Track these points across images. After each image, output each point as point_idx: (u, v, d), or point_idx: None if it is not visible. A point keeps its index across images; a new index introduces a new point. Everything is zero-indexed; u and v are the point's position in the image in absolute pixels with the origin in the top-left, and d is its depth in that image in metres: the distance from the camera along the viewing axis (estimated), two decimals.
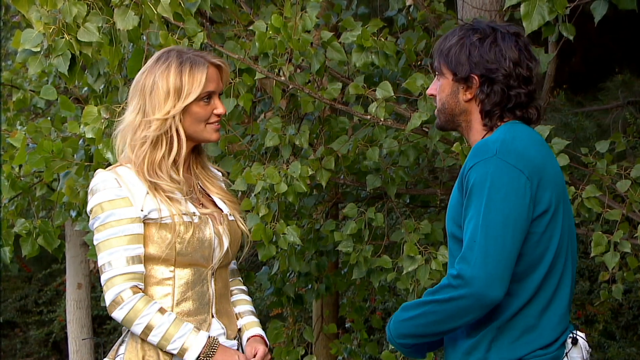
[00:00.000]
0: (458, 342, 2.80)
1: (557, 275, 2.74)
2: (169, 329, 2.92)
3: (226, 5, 4.42)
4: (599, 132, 7.59)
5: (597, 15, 4.06)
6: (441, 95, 2.87)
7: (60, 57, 3.94)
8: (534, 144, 2.75)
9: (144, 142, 2.99)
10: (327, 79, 4.71)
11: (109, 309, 2.92)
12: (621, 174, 4.43)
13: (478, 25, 2.83)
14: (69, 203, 5.02)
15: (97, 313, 9.86)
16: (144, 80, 3.02)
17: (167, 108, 2.97)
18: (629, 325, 7.82)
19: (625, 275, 4.58)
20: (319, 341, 6.36)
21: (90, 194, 2.96)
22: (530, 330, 2.71)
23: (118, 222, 2.91)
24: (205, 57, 3.04)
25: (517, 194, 2.63)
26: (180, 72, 2.98)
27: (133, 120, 3.02)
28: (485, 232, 2.62)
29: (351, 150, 4.55)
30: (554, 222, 2.71)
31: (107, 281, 2.91)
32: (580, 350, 2.75)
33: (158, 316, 2.92)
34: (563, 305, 2.76)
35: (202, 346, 2.94)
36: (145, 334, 2.92)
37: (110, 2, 4.03)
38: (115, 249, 2.91)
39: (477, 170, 2.67)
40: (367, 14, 6.09)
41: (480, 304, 2.63)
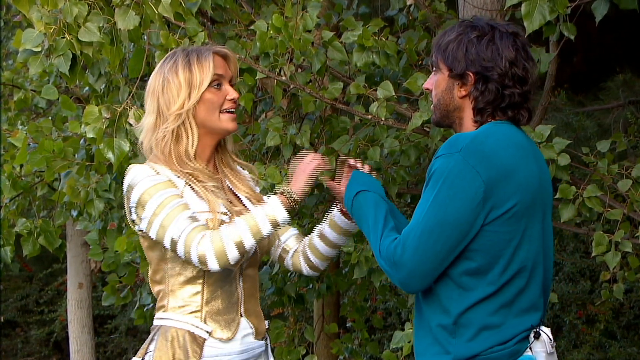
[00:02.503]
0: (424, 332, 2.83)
1: (523, 276, 2.75)
2: (248, 224, 2.88)
3: (227, 5, 4.42)
4: (600, 131, 7.59)
5: (598, 14, 4.06)
6: (437, 91, 2.87)
7: (61, 56, 3.94)
8: (508, 147, 2.74)
9: (164, 137, 3.00)
10: (328, 79, 4.71)
11: (202, 264, 2.86)
12: (622, 174, 4.43)
13: (477, 22, 2.83)
14: (70, 203, 5.02)
15: (98, 313, 9.86)
16: (154, 82, 3.03)
17: (181, 100, 2.98)
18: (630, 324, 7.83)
19: (627, 275, 4.58)
20: (320, 341, 6.36)
21: (130, 188, 2.94)
22: (489, 327, 2.73)
23: (171, 197, 2.89)
24: (209, 47, 3.06)
25: (465, 196, 2.66)
26: (188, 63, 2.99)
27: (151, 121, 3.03)
28: (424, 224, 2.68)
29: (352, 149, 4.55)
30: (516, 223, 2.71)
31: (185, 244, 2.86)
32: (543, 344, 2.77)
33: (232, 228, 2.88)
34: (528, 304, 2.77)
35: (282, 204, 2.92)
36: (241, 248, 2.87)
37: (111, 2, 4.03)
38: (177, 218, 2.87)
39: (440, 162, 2.71)
40: (368, 14, 6.09)
41: (400, 286, 2.76)
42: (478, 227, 2.68)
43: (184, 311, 2.98)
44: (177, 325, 2.98)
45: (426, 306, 2.81)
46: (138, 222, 2.96)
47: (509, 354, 2.73)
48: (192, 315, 2.98)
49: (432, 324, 2.79)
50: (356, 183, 3.01)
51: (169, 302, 3.00)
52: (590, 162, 4.51)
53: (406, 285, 2.73)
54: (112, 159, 4.09)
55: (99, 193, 4.80)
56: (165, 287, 3.01)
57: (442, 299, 2.75)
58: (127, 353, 10.17)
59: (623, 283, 4.60)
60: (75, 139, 4.74)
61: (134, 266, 5.02)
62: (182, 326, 2.97)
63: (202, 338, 2.97)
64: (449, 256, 2.70)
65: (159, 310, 3.04)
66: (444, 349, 2.75)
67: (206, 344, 2.97)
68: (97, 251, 5.04)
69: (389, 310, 8.58)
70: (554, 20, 4.09)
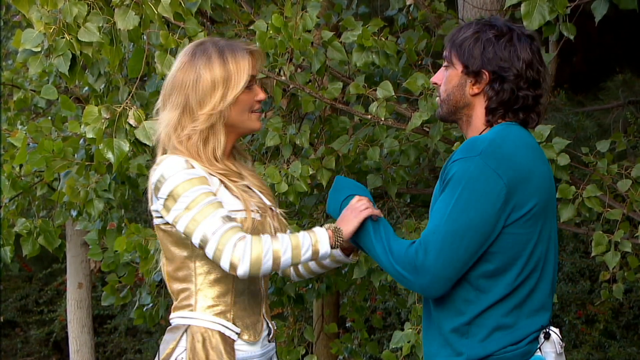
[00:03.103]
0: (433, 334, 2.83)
1: (534, 276, 2.75)
2: (291, 242, 2.83)
3: (227, 5, 4.42)
4: (599, 131, 7.59)
5: (598, 14, 4.06)
6: (447, 86, 2.84)
7: (61, 56, 3.94)
8: (523, 148, 2.75)
9: (190, 137, 2.91)
10: (328, 79, 4.71)
11: (232, 267, 2.79)
12: (622, 174, 4.43)
13: (495, 22, 2.82)
14: (69, 203, 5.02)
15: (97, 312, 9.86)
16: (183, 76, 2.92)
17: (215, 100, 2.89)
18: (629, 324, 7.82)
19: (626, 275, 4.58)
20: (320, 341, 6.36)
21: (162, 179, 2.85)
22: (502, 328, 2.73)
23: (205, 194, 2.82)
24: (242, 45, 2.97)
25: (488, 199, 2.65)
26: (224, 61, 2.90)
27: (174, 117, 2.92)
28: (446, 228, 2.66)
29: (352, 149, 4.55)
30: (533, 225, 2.72)
31: (218, 242, 2.78)
32: (553, 344, 2.77)
33: (275, 241, 2.82)
34: (539, 304, 2.77)
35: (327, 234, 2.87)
36: (276, 264, 2.82)
37: (110, 2, 4.04)
38: (210, 216, 2.79)
39: (458, 166, 2.69)
40: (368, 14, 6.09)
41: (420, 292, 2.74)
42: (499, 230, 2.68)
43: (214, 311, 2.92)
44: (207, 326, 2.91)
45: (437, 309, 2.80)
46: (164, 213, 2.87)
47: (522, 354, 2.73)
48: (222, 316, 2.92)
49: (444, 326, 2.78)
50: (342, 188, 2.99)
51: (198, 301, 2.92)
52: (589, 162, 4.51)
53: (428, 290, 2.71)
54: (111, 159, 4.09)
55: (98, 193, 4.79)
56: (192, 286, 2.93)
57: (457, 301, 2.75)
58: (127, 353, 10.17)
59: (623, 283, 4.61)
60: (74, 139, 4.74)
61: (133, 266, 5.02)
62: (213, 327, 2.91)
63: (231, 339, 2.93)
64: (471, 260, 2.69)
65: (183, 309, 2.95)
66: (455, 350, 2.75)
67: (235, 345, 2.93)
68: (96, 251, 5.04)
69: (388, 310, 8.58)
70: (553, 20, 4.09)
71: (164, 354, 2.94)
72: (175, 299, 2.99)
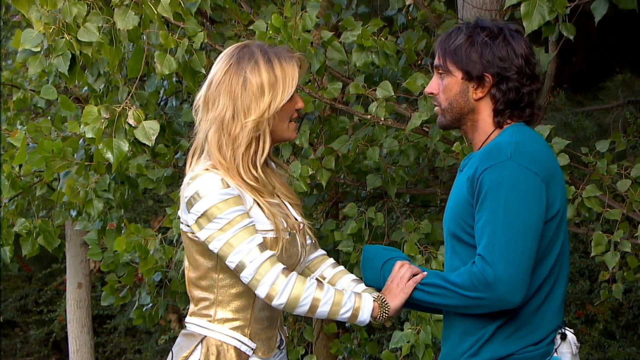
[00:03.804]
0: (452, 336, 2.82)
1: (554, 276, 2.76)
2: (334, 297, 2.82)
3: (226, 5, 4.42)
4: (599, 131, 7.58)
5: (598, 14, 4.06)
6: (448, 94, 2.82)
7: (61, 56, 3.94)
8: (544, 147, 2.77)
9: (237, 144, 2.85)
10: (328, 79, 4.71)
11: (268, 297, 2.79)
12: (621, 174, 4.43)
13: (482, 23, 2.81)
14: (69, 202, 5.02)
15: (97, 313, 9.85)
16: (230, 79, 2.85)
17: (263, 107, 2.83)
18: (629, 324, 7.82)
19: (626, 275, 4.58)
20: (319, 341, 6.35)
21: (197, 196, 2.81)
22: (524, 328, 2.73)
23: (241, 216, 2.80)
24: (291, 54, 2.91)
25: (534, 197, 2.64)
26: (272, 67, 2.85)
27: (218, 121, 2.86)
28: (505, 235, 2.63)
29: (351, 149, 4.55)
30: (561, 224, 2.73)
31: (257, 272, 2.78)
32: (569, 345, 2.78)
33: (319, 292, 2.81)
34: (557, 303, 2.78)
35: (372, 305, 2.84)
36: (312, 311, 2.81)
37: (110, 2, 4.04)
38: (249, 240, 2.79)
39: (492, 173, 2.66)
40: (367, 14, 6.08)
41: (500, 306, 2.67)
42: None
43: (232, 325, 2.91)
44: (224, 339, 2.90)
45: None
46: (195, 229, 2.84)
47: (541, 354, 2.74)
48: (240, 330, 2.91)
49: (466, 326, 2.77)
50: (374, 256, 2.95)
51: (217, 312, 2.91)
52: (589, 162, 4.51)
53: (508, 300, 2.65)
54: (111, 159, 4.09)
55: (98, 193, 4.79)
56: (214, 297, 2.91)
57: None
58: (126, 353, 10.16)
59: (622, 283, 4.60)
60: (74, 139, 4.74)
61: (133, 266, 5.02)
62: (229, 341, 2.90)
63: (246, 355, 2.92)
64: (535, 258, 2.67)
65: (202, 318, 2.94)
66: (475, 351, 2.75)
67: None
68: (96, 251, 5.03)
69: None
70: (553, 20, 4.08)
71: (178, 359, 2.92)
72: (194, 305, 2.97)
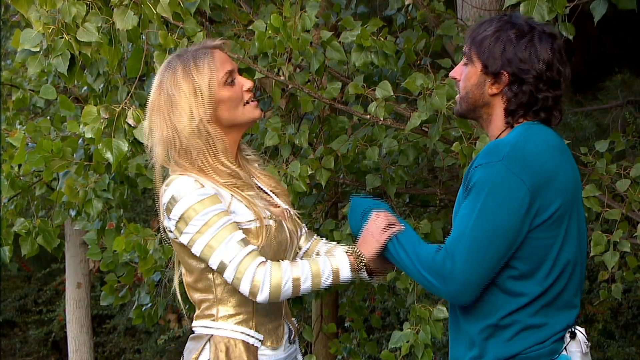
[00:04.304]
0: (460, 337, 2.82)
1: (564, 277, 2.74)
2: (311, 270, 2.85)
3: (225, 5, 4.42)
4: (598, 131, 7.59)
5: (597, 14, 4.06)
6: (466, 84, 2.81)
7: (60, 56, 3.94)
8: (548, 149, 2.72)
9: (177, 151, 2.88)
10: (327, 79, 4.71)
11: (252, 293, 2.82)
12: (621, 174, 4.43)
13: (516, 20, 2.78)
14: (68, 202, 5.02)
15: (96, 312, 9.85)
16: (158, 98, 2.90)
17: (191, 111, 2.86)
18: (628, 324, 7.82)
19: (625, 275, 4.58)
20: (319, 340, 6.36)
21: (173, 201, 2.83)
22: (529, 328, 2.72)
23: (218, 216, 2.81)
24: (205, 45, 2.94)
25: (512, 205, 2.63)
26: (189, 72, 2.87)
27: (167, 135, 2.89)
28: (472, 236, 2.64)
29: (351, 149, 4.55)
30: (558, 227, 2.70)
31: (236, 271, 2.80)
32: (579, 344, 2.76)
33: (295, 268, 2.84)
34: (565, 302, 2.76)
35: (348, 260, 2.88)
36: (296, 292, 2.84)
37: (109, 2, 4.03)
38: (227, 240, 2.80)
39: (481, 171, 2.66)
40: (367, 13, 6.09)
41: (449, 299, 2.74)
42: (524, 235, 2.66)
43: (236, 320, 2.92)
44: (230, 335, 2.91)
45: (464, 313, 2.79)
46: (177, 234, 2.87)
47: (548, 352, 2.72)
48: (245, 324, 2.92)
49: (470, 329, 2.77)
50: (358, 206, 2.98)
51: (219, 310, 2.93)
52: (588, 162, 4.51)
53: (457, 298, 2.70)
54: (110, 159, 4.09)
55: (97, 193, 4.79)
56: (213, 296, 2.93)
57: (484, 305, 2.73)
58: (126, 353, 10.16)
59: (621, 283, 4.61)
60: (73, 139, 4.74)
61: (132, 266, 5.02)
62: (236, 336, 2.91)
63: (254, 347, 2.93)
64: (498, 266, 2.67)
65: (205, 319, 2.95)
66: (480, 351, 2.74)
67: (259, 352, 2.93)
68: (95, 251, 5.03)
69: (387, 310, 8.58)
70: (552, 20, 4.08)
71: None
72: (197, 308, 2.99)
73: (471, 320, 2.77)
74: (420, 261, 2.73)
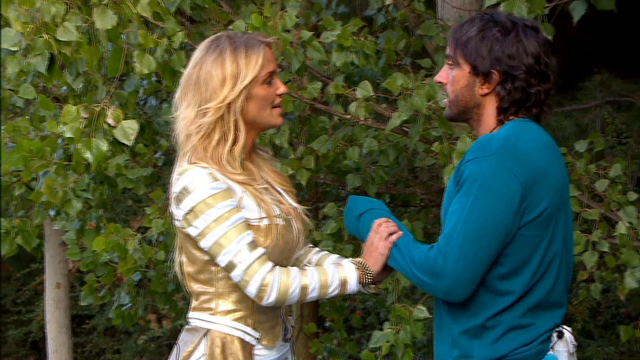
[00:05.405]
0: (443, 335, 2.82)
1: (550, 276, 2.73)
2: (320, 280, 2.86)
3: (206, 5, 4.41)
4: (577, 131, 7.62)
5: (576, 15, 4.08)
6: (455, 87, 2.79)
7: (39, 56, 3.92)
8: (538, 147, 2.71)
9: (197, 132, 2.85)
10: (307, 79, 4.71)
11: (258, 297, 2.81)
12: (599, 174, 4.45)
13: (498, 17, 2.76)
14: (47, 202, 5.00)
15: (76, 313, 9.82)
16: (197, 73, 2.86)
17: (223, 94, 2.83)
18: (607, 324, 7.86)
19: (604, 275, 4.60)
20: (299, 340, 6.36)
21: (185, 192, 2.80)
22: (515, 329, 2.71)
23: (229, 212, 2.80)
24: (257, 38, 2.90)
25: (504, 200, 2.61)
26: (236, 57, 2.84)
27: (189, 115, 2.87)
28: (464, 231, 2.62)
29: (331, 149, 4.56)
30: (546, 226, 2.69)
31: (245, 272, 2.79)
32: (566, 344, 2.75)
33: (304, 275, 2.85)
34: (552, 303, 2.75)
35: (356, 274, 2.89)
36: (302, 299, 2.86)
37: (89, 2, 4.02)
38: (237, 240, 2.79)
39: (473, 166, 2.64)
40: (347, 13, 6.08)
41: (443, 297, 2.71)
42: (514, 231, 2.65)
43: (234, 316, 2.91)
44: (227, 331, 2.90)
45: (448, 311, 2.78)
46: (185, 224, 2.85)
47: (535, 353, 2.71)
48: (243, 321, 2.91)
49: (454, 328, 2.76)
50: (355, 205, 2.98)
51: (219, 305, 2.91)
52: (568, 162, 4.53)
53: (450, 295, 2.68)
54: (90, 159, 4.07)
55: (76, 193, 4.77)
56: (214, 290, 2.91)
57: (470, 304, 2.72)
58: (105, 353, 10.13)
59: (600, 283, 4.62)
60: (53, 139, 4.72)
61: (112, 266, 5.00)
62: (233, 332, 2.90)
63: (251, 345, 2.91)
64: (490, 261, 2.66)
65: (204, 312, 2.93)
66: (465, 352, 2.73)
67: (254, 351, 2.92)
68: (75, 251, 5.02)
69: (367, 310, 8.59)
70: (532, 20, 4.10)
71: (182, 355, 2.92)
72: (195, 300, 2.97)
73: (456, 320, 2.76)
74: (414, 262, 2.73)
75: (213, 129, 2.86)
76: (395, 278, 4.51)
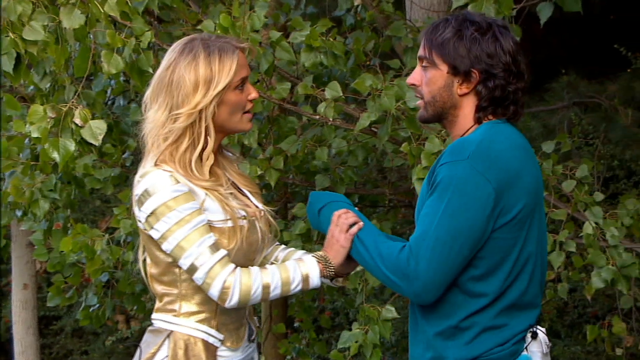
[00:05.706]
0: (418, 337, 2.81)
1: (524, 278, 2.74)
2: (281, 277, 2.85)
3: (174, 4, 4.40)
4: (544, 132, 7.67)
5: (543, 16, 4.11)
6: (432, 87, 2.77)
7: (5, 55, 3.89)
8: (512, 149, 2.71)
9: (166, 138, 2.83)
10: (276, 79, 4.71)
11: (221, 299, 2.81)
12: (566, 174, 4.48)
13: (471, 17, 2.76)
14: (14, 202, 4.96)
15: (43, 314, 9.75)
16: (169, 76, 2.83)
17: (196, 100, 2.80)
18: (574, 324, 7.91)
19: (571, 275, 4.63)
20: (268, 341, 6.35)
21: (146, 194, 2.78)
22: (489, 329, 2.71)
23: (191, 215, 2.78)
24: (232, 43, 2.88)
25: (477, 204, 2.62)
26: (210, 62, 2.81)
27: (159, 118, 2.83)
28: (436, 234, 2.62)
29: (300, 150, 4.56)
30: (520, 228, 2.69)
31: (207, 275, 2.78)
32: (540, 344, 2.76)
33: (265, 274, 2.84)
34: (526, 304, 2.76)
35: (318, 268, 2.88)
36: (265, 298, 2.85)
37: (55, 1, 3.99)
38: (199, 242, 2.78)
39: (447, 169, 2.64)
40: (316, 14, 6.09)
41: (412, 298, 2.71)
42: (488, 235, 2.65)
43: (198, 317, 2.90)
44: (191, 333, 2.89)
45: (422, 312, 2.78)
46: (147, 227, 2.83)
47: (509, 354, 2.72)
48: (206, 323, 2.90)
49: (428, 329, 2.76)
50: (316, 201, 2.98)
51: (182, 307, 2.89)
52: None
53: (420, 297, 2.67)
54: (57, 159, 4.04)
55: (44, 193, 4.74)
56: (177, 291, 2.89)
57: (444, 305, 2.72)
58: (73, 354, 10.07)
59: (567, 282, 4.65)
60: (19, 139, 4.69)
61: (79, 266, 4.98)
62: (196, 334, 2.89)
63: (214, 346, 2.90)
64: (462, 265, 2.66)
65: (167, 313, 2.92)
66: (439, 354, 2.73)
67: (218, 352, 2.91)
68: (42, 251, 4.99)
69: (336, 310, 8.60)
70: None
71: (145, 356, 2.91)
72: (159, 301, 2.96)
73: (431, 321, 2.76)
74: (383, 261, 2.72)
75: (183, 134, 2.84)
76: (364, 278, 4.51)
